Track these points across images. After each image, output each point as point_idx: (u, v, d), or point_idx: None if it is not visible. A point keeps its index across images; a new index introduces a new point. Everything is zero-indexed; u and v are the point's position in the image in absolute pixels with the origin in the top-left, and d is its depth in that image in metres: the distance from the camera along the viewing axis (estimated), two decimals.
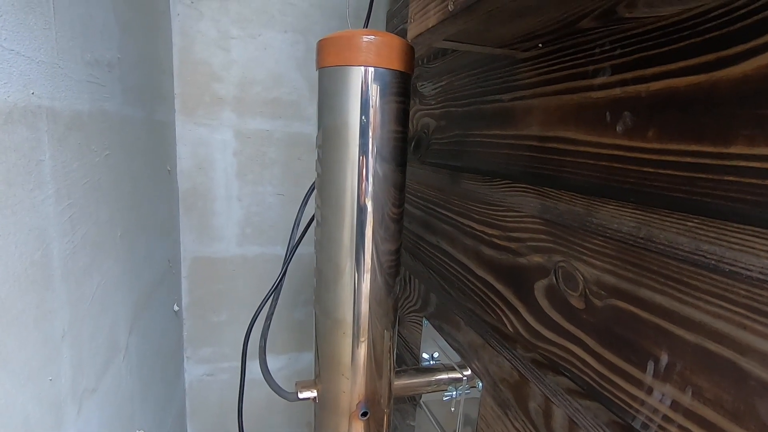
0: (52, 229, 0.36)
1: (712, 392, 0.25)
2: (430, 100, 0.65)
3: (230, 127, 0.94)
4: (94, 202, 0.45)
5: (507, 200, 0.46)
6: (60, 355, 0.37)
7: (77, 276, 0.41)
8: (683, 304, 0.27)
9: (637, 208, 0.30)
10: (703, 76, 0.26)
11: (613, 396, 0.32)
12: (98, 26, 0.46)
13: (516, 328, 0.44)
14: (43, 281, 0.34)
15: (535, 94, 0.41)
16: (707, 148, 0.25)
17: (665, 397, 0.28)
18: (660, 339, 0.28)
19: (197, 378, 1.03)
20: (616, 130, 0.32)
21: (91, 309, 0.44)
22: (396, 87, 0.44)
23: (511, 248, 0.45)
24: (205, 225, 0.97)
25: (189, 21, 0.87)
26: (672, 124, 0.28)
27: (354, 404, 0.50)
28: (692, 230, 0.27)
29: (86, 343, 0.43)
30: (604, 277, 0.33)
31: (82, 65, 0.42)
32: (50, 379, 0.35)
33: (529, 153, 0.42)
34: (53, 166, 0.36)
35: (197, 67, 0.89)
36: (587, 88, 0.35)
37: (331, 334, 0.49)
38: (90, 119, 0.44)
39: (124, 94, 0.55)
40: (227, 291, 1.01)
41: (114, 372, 0.51)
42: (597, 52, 0.34)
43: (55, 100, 0.36)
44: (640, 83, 0.30)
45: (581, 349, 0.35)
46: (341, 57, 0.43)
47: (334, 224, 0.46)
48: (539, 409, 0.40)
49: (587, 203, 0.35)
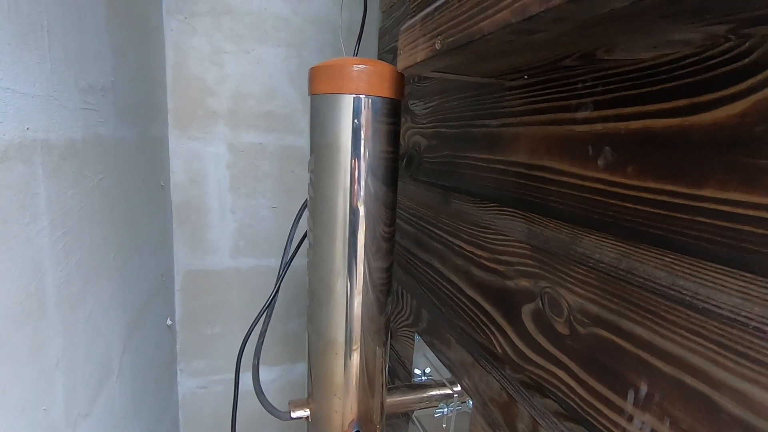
0: (47, 260, 0.36)
1: (687, 423, 0.26)
2: (422, 119, 0.66)
3: (224, 140, 0.95)
4: (88, 227, 0.45)
5: (496, 223, 0.47)
6: (54, 383, 0.37)
7: (71, 302, 0.41)
8: (661, 337, 0.28)
9: (618, 240, 0.31)
10: (678, 119, 0.27)
11: (596, 421, 0.33)
12: (92, 52, 0.47)
13: (504, 349, 0.45)
14: (38, 312, 0.35)
15: (521, 122, 0.42)
16: (682, 189, 0.27)
17: (645, 425, 0.29)
18: (640, 369, 0.29)
19: (191, 391, 1.03)
20: (597, 163, 0.33)
21: (84, 333, 0.44)
22: (386, 112, 0.45)
23: (500, 271, 0.46)
24: (199, 238, 0.97)
25: (182, 36, 0.88)
26: (650, 162, 0.29)
27: (346, 423, 0.51)
28: (669, 265, 0.28)
29: (80, 368, 0.43)
30: (587, 306, 0.34)
31: (76, 93, 0.42)
32: (44, 408, 0.35)
33: (517, 179, 0.43)
34: (48, 197, 0.36)
35: (191, 81, 0.90)
36: (571, 121, 0.36)
37: (324, 354, 0.50)
38: (84, 146, 0.44)
39: (118, 116, 0.55)
40: (221, 303, 1.02)
41: (107, 394, 0.51)
42: (580, 87, 0.35)
43: (50, 131, 0.37)
44: (619, 121, 0.31)
45: (566, 373, 0.36)
46: (333, 85, 0.44)
47: (326, 245, 0.47)
48: (527, 430, 0.41)
49: (572, 232, 0.36)
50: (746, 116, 0.23)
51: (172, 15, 0.86)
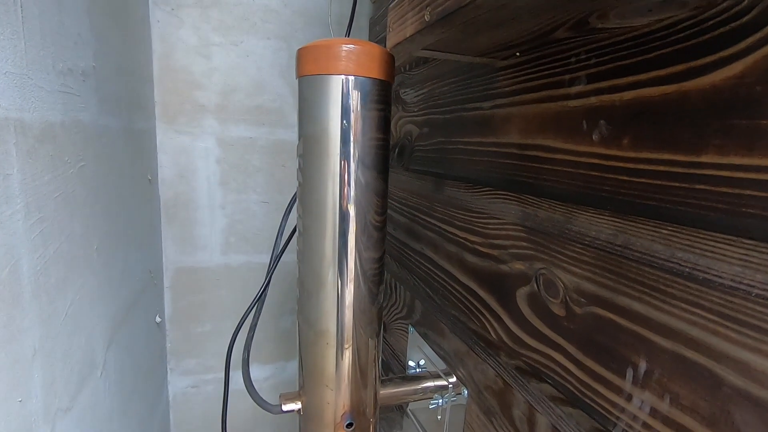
0: (21, 246, 0.34)
1: (689, 399, 0.25)
2: (413, 107, 0.65)
3: (212, 134, 0.93)
4: (68, 215, 0.44)
5: (489, 208, 0.46)
6: (30, 375, 0.36)
7: (49, 292, 0.39)
8: (660, 311, 0.27)
9: (614, 215, 0.31)
10: (674, 86, 0.26)
11: (594, 403, 0.32)
12: (72, 35, 0.45)
13: (499, 335, 0.44)
14: (12, 299, 0.33)
15: (513, 102, 0.41)
16: (679, 157, 0.26)
17: (644, 404, 0.28)
18: (638, 346, 0.28)
19: (181, 390, 1.01)
20: (592, 138, 0.32)
21: (64, 326, 0.42)
22: (376, 95, 0.43)
23: (494, 255, 0.45)
24: (188, 234, 0.95)
25: (169, 28, 0.86)
26: (646, 132, 0.28)
27: (339, 415, 0.50)
28: (667, 238, 0.27)
29: (59, 362, 0.41)
30: (583, 285, 0.33)
31: (54, 75, 0.41)
32: (20, 400, 0.34)
33: (510, 161, 0.42)
34: (22, 179, 0.35)
35: (178, 74, 0.88)
36: (564, 97, 0.35)
37: (315, 345, 0.48)
38: (63, 130, 0.43)
39: (101, 104, 0.54)
40: (211, 301, 1.00)
41: (90, 389, 0.49)
42: (573, 61, 0.34)
43: (25, 111, 0.35)
44: (614, 92, 0.30)
45: (562, 356, 0.35)
46: (321, 66, 0.42)
47: (315, 233, 0.46)
48: (523, 417, 0.40)
49: (566, 211, 0.35)
50: (745, 76, 0.22)
51: (158, 6, 0.85)
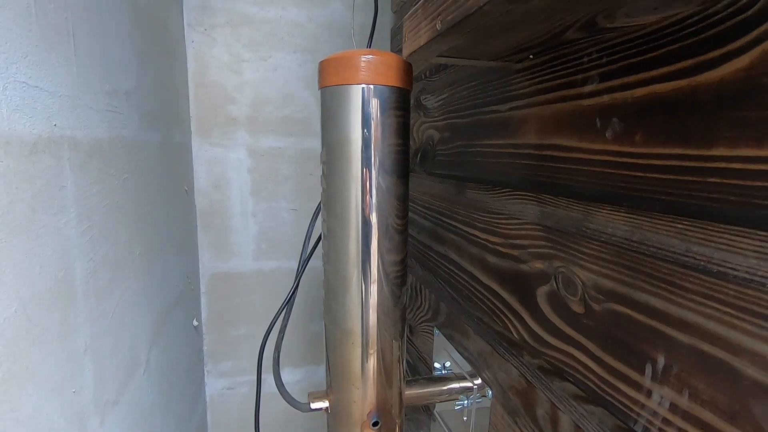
0: (75, 250, 0.38)
1: (707, 393, 0.25)
2: (434, 112, 0.66)
3: (244, 145, 0.98)
4: (114, 223, 0.48)
5: (508, 208, 0.46)
6: (83, 368, 0.39)
7: (98, 293, 0.43)
8: (676, 305, 0.27)
9: (630, 212, 0.31)
10: (684, 81, 0.26)
11: (615, 400, 0.32)
12: (116, 58, 0.50)
13: (521, 335, 0.44)
14: (67, 299, 0.37)
15: (530, 104, 0.42)
16: (691, 151, 0.26)
17: (664, 399, 0.28)
18: (656, 341, 0.28)
19: (218, 392, 1.05)
20: (605, 136, 0.32)
21: (111, 325, 0.46)
22: (395, 102, 0.45)
23: (514, 255, 0.45)
24: (223, 241, 1.00)
25: (203, 47, 0.92)
26: (657, 128, 0.28)
27: (365, 414, 0.51)
28: (682, 232, 0.27)
29: (107, 358, 0.45)
30: (601, 282, 0.33)
31: (101, 96, 0.45)
32: (74, 391, 0.37)
33: (527, 161, 0.43)
34: (75, 191, 0.38)
35: (211, 89, 0.93)
36: (578, 96, 0.35)
37: (341, 344, 0.50)
38: (109, 145, 0.47)
39: (142, 120, 0.58)
40: (245, 305, 1.04)
41: (135, 386, 0.53)
42: (585, 61, 0.34)
43: (76, 129, 0.39)
44: (626, 90, 0.31)
45: (583, 353, 0.35)
46: (342, 76, 0.45)
47: (340, 236, 0.48)
48: (546, 416, 0.40)
49: (583, 209, 0.35)
50: (753, 68, 0.23)
51: (193, 27, 0.90)
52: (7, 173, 0.29)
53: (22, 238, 0.30)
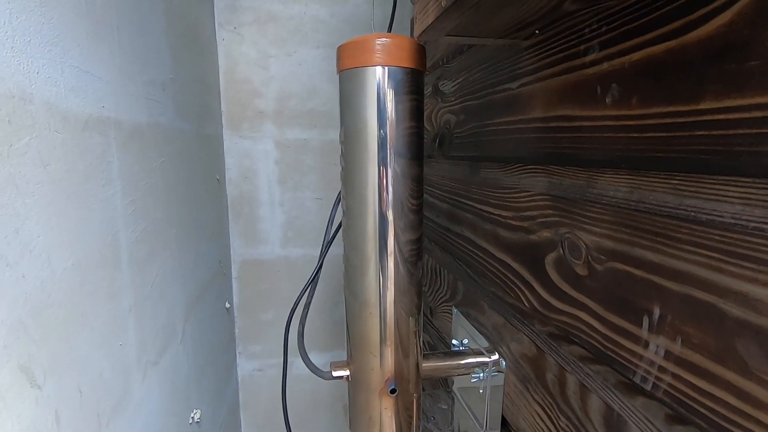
0: (120, 220, 0.43)
1: (697, 338, 0.26)
2: (450, 96, 0.68)
3: (271, 138, 1.02)
4: (152, 202, 0.52)
5: (519, 183, 0.48)
6: (127, 327, 0.44)
7: (140, 263, 0.48)
8: (670, 257, 0.28)
9: (629, 173, 0.32)
10: (675, 41, 0.28)
11: (617, 356, 0.33)
12: (154, 53, 0.54)
13: (532, 304, 0.46)
14: (114, 262, 0.41)
15: (538, 78, 0.43)
16: (681, 108, 0.27)
17: (659, 348, 0.29)
18: (652, 294, 0.30)
19: (248, 373, 1.10)
20: (606, 102, 0.34)
21: (151, 293, 0.51)
22: (409, 84, 0.47)
23: (524, 227, 0.47)
24: (252, 229, 1.05)
25: (232, 45, 0.97)
26: (652, 89, 0.29)
27: (383, 381, 0.54)
28: (676, 188, 0.28)
29: (148, 322, 0.49)
30: (603, 243, 0.34)
31: (140, 85, 0.50)
32: (120, 344, 0.42)
33: (535, 135, 0.44)
34: (119, 167, 0.43)
35: (241, 85, 0.99)
36: (581, 66, 0.37)
37: (360, 315, 0.53)
38: (148, 130, 0.51)
39: (177, 110, 0.63)
40: (273, 291, 1.09)
41: (172, 352, 0.58)
42: (586, 31, 0.36)
43: (120, 112, 0.44)
44: (623, 55, 0.32)
45: (587, 314, 0.37)
46: (358, 59, 0.47)
47: (357, 212, 0.50)
48: (555, 379, 0.42)
49: (587, 175, 0.37)
50: (734, 23, 0.24)
51: (223, 26, 0.96)
52: (65, 145, 0.33)
53: (77, 202, 0.34)
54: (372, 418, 0.55)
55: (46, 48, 0.31)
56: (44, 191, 0.30)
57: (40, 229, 0.29)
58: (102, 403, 0.38)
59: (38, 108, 0.30)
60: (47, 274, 0.30)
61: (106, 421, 0.38)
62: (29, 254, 0.28)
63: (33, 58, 0.29)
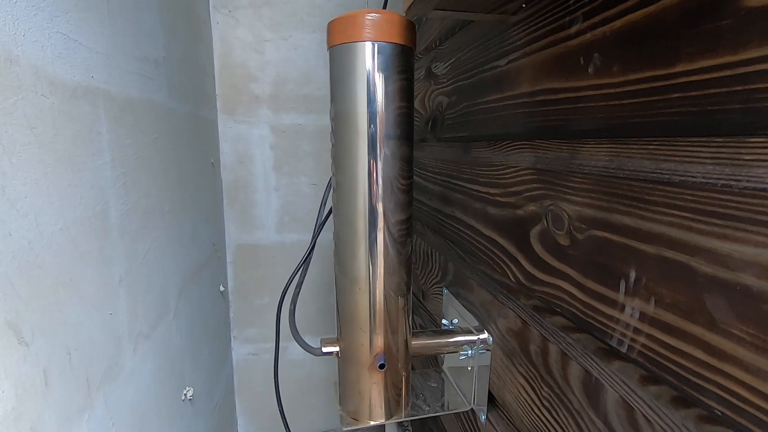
0: (110, 190, 0.43)
1: (670, 297, 0.27)
2: (443, 78, 0.69)
3: (267, 123, 1.02)
4: (145, 176, 0.53)
5: (507, 159, 0.48)
6: (117, 296, 0.44)
7: (131, 235, 0.48)
8: (645, 220, 0.29)
9: (610, 142, 0.32)
10: (653, 6, 0.28)
11: (595, 321, 0.34)
12: (146, 28, 0.55)
13: (518, 278, 0.46)
14: (104, 231, 0.42)
15: (525, 53, 0.44)
16: (658, 71, 0.27)
17: (634, 310, 0.30)
18: (628, 257, 0.30)
19: (243, 357, 1.11)
20: (588, 72, 0.34)
21: (143, 266, 0.51)
22: (398, 60, 0.48)
23: (511, 203, 0.47)
24: (247, 215, 1.06)
25: (227, 28, 0.97)
26: (631, 56, 0.30)
27: (372, 356, 0.54)
28: (653, 153, 0.28)
29: (140, 294, 0.50)
30: (584, 211, 0.35)
31: (132, 59, 0.50)
32: (110, 313, 0.42)
33: (522, 110, 0.45)
34: (109, 138, 0.43)
35: (236, 69, 0.99)
36: (566, 38, 0.37)
37: (349, 291, 0.54)
38: (140, 105, 0.52)
39: (170, 90, 0.63)
40: (268, 276, 1.09)
41: (165, 327, 0.58)
42: (571, 2, 0.36)
43: (111, 85, 0.44)
44: (606, 24, 0.32)
45: (569, 283, 0.37)
46: (347, 35, 0.48)
47: (347, 189, 0.51)
48: (538, 351, 0.42)
49: (570, 147, 0.37)
50: None
51: (218, 9, 0.96)
52: (53, 109, 0.33)
53: (65, 168, 0.35)
54: (361, 392, 0.56)
55: (32, 12, 0.31)
56: (31, 153, 0.31)
57: (27, 189, 0.30)
58: (92, 367, 0.38)
59: (24, 70, 0.30)
60: (35, 235, 0.31)
61: (97, 385, 0.39)
62: (16, 213, 0.29)
63: (19, 20, 0.29)
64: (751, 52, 0.22)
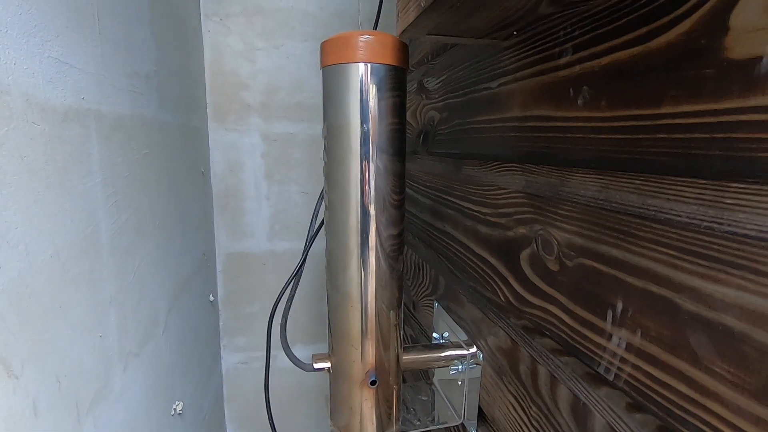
0: (100, 211, 0.43)
1: (655, 330, 0.28)
2: (434, 93, 0.69)
3: (258, 131, 1.02)
4: (136, 193, 0.52)
5: (498, 180, 0.49)
6: (108, 317, 0.44)
7: (122, 253, 0.48)
8: (632, 254, 0.29)
9: (598, 173, 0.33)
10: (639, 47, 0.29)
11: (583, 347, 0.35)
12: (137, 43, 0.54)
13: (507, 298, 0.47)
14: (94, 253, 0.41)
15: (516, 78, 0.45)
16: (645, 111, 0.28)
17: (621, 340, 0.30)
18: (616, 288, 0.31)
19: (233, 366, 1.11)
20: (578, 103, 0.35)
21: (133, 284, 0.51)
22: (391, 81, 0.48)
23: (501, 224, 0.48)
24: (238, 223, 1.05)
25: (219, 36, 0.96)
26: (619, 92, 0.31)
27: (364, 373, 0.55)
28: (640, 188, 0.29)
29: (130, 313, 0.50)
30: (573, 239, 0.36)
31: (123, 76, 0.49)
32: (100, 336, 0.42)
33: (513, 134, 0.45)
34: (100, 159, 0.43)
35: (227, 77, 0.98)
36: (555, 69, 0.38)
37: (341, 307, 0.54)
38: (131, 122, 0.51)
39: (161, 102, 0.63)
40: (259, 284, 1.09)
41: (155, 343, 0.58)
42: (561, 34, 0.37)
43: (102, 104, 0.44)
44: (594, 59, 0.33)
45: (558, 308, 0.38)
46: (341, 56, 0.48)
47: (340, 207, 0.51)
48: (528, 371, 0.43)
49: (560, 174, 0.38)
50: (692, 32, 0.25)
51: (209, 17, 0.95)
52: (44, 135, 0.33)
53: (56, 193, 0.35)
54: (353, 409, 0.56)
55: (24, 39, 0.31)
56: (21, 182, 0.30)
57: (17, 219, 0.30)
58: (81, 392, 0.38)
59: (15, 99, 0.30)
60: (25, 265, 0.30)
61: (86, 409, 0.38)
62: (6, 245, 0.28)
63: (10, 49, 0.29)
64: (732, 102, 0.23)
